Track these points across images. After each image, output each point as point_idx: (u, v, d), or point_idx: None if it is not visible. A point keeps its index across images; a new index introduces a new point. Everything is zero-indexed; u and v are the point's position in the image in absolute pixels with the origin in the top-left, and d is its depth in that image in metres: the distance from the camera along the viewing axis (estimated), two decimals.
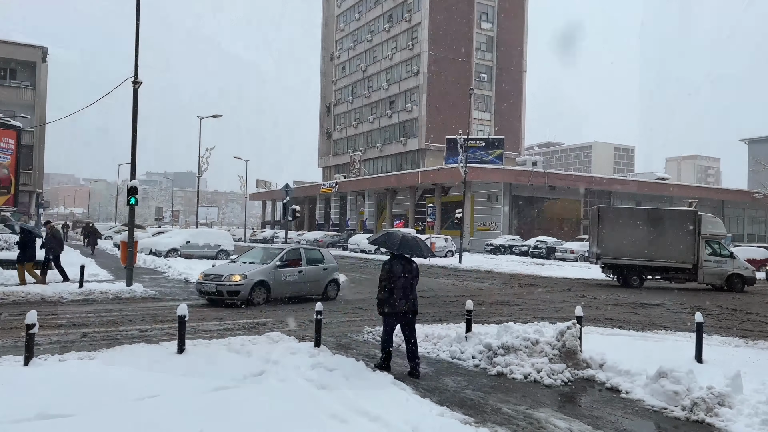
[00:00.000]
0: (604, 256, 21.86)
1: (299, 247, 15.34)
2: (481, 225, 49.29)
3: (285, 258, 14.21)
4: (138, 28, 15.66)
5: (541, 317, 12.77)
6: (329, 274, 15.21)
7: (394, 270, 7.62)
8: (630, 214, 22.81)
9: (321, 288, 14.91)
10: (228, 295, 13.24)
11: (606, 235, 21.87)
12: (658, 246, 21.17)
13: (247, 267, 13.92)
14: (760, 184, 54.20)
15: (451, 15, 59.77)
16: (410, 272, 7.72)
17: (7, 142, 24.03)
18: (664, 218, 21.94)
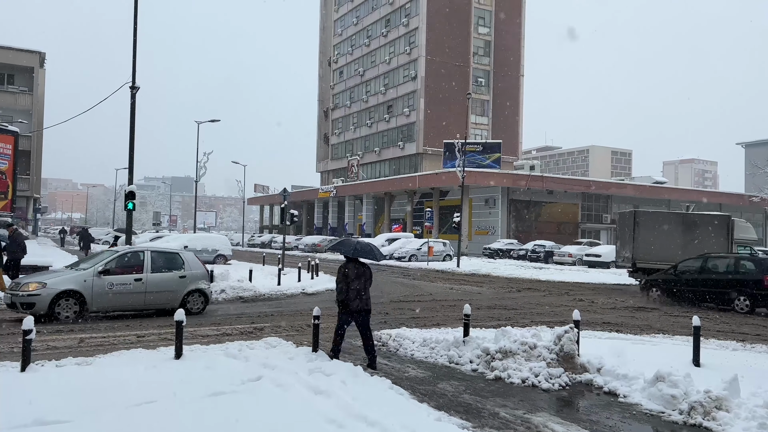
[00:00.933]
0: (640, 261, 21.72)
1: (142, 250, 12.69)
2: (479, 229, 49.32)
3: (113, 263, 11.95)
4: (135, 35, 15.69)
5: (538, 321, 12.78)
6: (190, 283, 12.90)
7: (349, 272, 8.39)
8: (665, 218, 22.73)
9: (177, 300, 12.61)
10: (22, 307, 11.08)
11: (642, 240, 21.77)
12: (693, 251, 21.32)
13: (60, 273, 12.08)
14: (757, 188, 54.39)
15: (448, 20, 59.95)
16: (363, 275, 8.44)
17: (4, 148, 24.02)
18: (698, 223, 22.06)
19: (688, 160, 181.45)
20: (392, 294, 18.39)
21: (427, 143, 58.80)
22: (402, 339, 9.89)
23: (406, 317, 13.27)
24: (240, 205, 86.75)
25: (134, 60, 15.75)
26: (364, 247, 8.68)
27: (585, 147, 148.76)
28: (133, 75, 15.74)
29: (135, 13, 15.73)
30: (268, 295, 16.59)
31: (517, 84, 64.60)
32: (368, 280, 8.51)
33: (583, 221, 52.51)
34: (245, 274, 18.91)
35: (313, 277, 21.18)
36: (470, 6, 61.34)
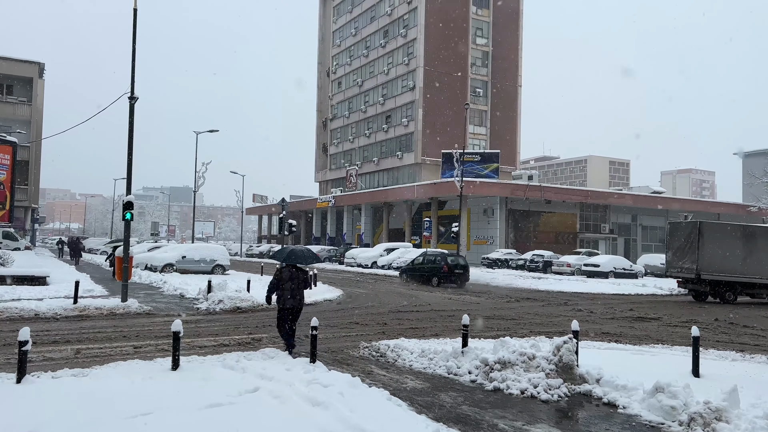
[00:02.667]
0: (705, 272, 21.86)
1: None
2: (478, 239, 49.31)
3: None
4: (134, 46, 15.74)
5: (537, 332, 12.74)
6: None
7: (283, 276, 9.74)
8: (729, 230, 22.91)
9: None
10: None
11: (707, 251, 21.87)
12: (754, 262, 21.52)
13: None
14: (754, 197, 54.46)
15: (446, 31, 60.27)
16: (297, 277, 9.79)
17: (3, 158, 24.00)
18: (758, 234, 22.36)
19: (686, 170, 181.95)
20: (390, 304, 18.33)
21: (426, 153, 58.92)
22: (400, 349, 9.85)
23: (405, 327, 13.22)
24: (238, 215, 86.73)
25: (133, 70, 15.78)
26: (298, 253, 10.12)
27: (583, 157, 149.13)
28: (132, 85, 15.76)
29: (134, 26, 15.78)
30: (265, 306, 16.51)
31: (514, 94, 64.85)
32: (301, 282, 9.81)
33: (581, 231, 52.54)
34: (243, 284, 18.84)
35: (311, 287, 21.11)
36: (468, 17, 61.71)
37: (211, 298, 15.99)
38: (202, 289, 17.39)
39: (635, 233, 56.98)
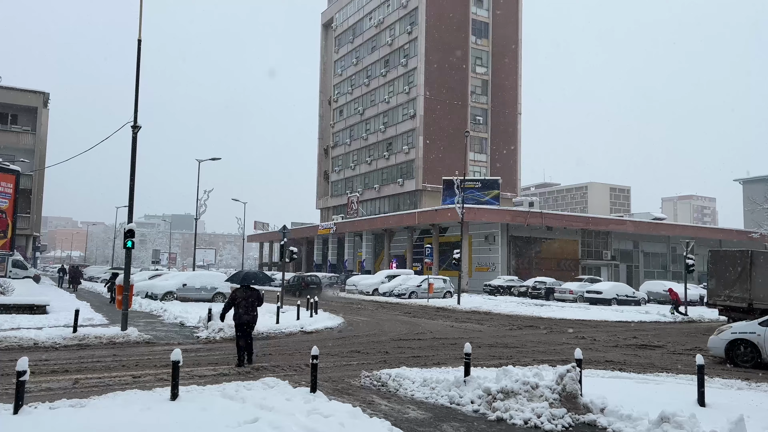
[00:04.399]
0: (758, 302, 21.58)
1: None
2: (480, 265, 49.16)
3: None
4: (138, 75, 15.94)
5: (540, 360, 12.62)
6: None
7: (238, 295, 11.16)
8: None
9: None
10: None
11: (761, 281, 21.66)
12: None
13: None
14: (756, 224, 54.41)
15: (446, 60, 61.05)
16: (250, 296, 11.17)
17: (6, 187, 24.10)
18: None
19: (687, 196, 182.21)
20: (392, 332, 18.20)
21: (427, 180, 59.13)
22: (402, 379, 9.75)
23: (406, 356, 13.10)
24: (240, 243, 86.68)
25: (136, 100, 15.95)
26: (251, 275, 11.81)
27: (583, 183, 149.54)
28: (135, 115, 15.91)
29: (138, 57, 16.01)
30: (266, 334, 16.41)
31: (514, 122, 65.36)
32: (255, 300, 11.19)
33: (583, 257, 52.39)
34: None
35: (312, 315, 20.99)
36: (468, 47, 62.55)
37: (211, 327, 15.89)
38: (202, 318, 17.30)
39: (637, 260, 56.79)
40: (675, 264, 56.87)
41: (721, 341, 13.36)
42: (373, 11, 69.67)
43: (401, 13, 63.99)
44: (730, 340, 13.16)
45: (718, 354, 13.46)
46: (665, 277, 52.70)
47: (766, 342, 12.51)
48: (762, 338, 12.59)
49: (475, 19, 63.32)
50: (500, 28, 64.72)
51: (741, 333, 13.09)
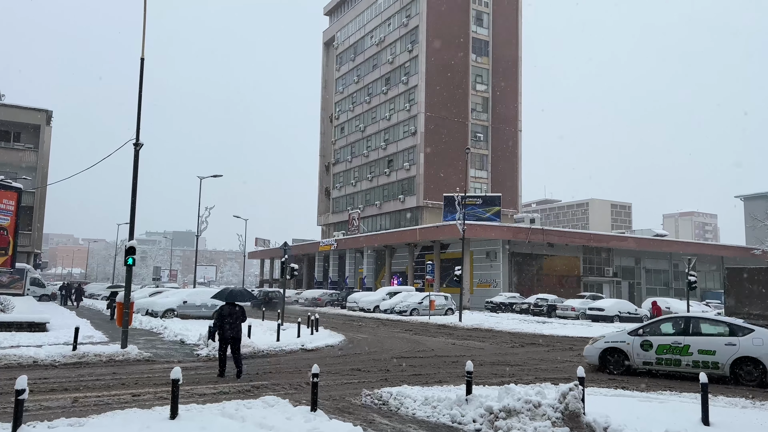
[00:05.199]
0: None
1: None
2: (481, 282, 49.03)
3: None
4: (141, 93, 16.04)
5: (543, 378, 12.52)
6: None
7: (223, 312, 11.89)
8: None
9: None
10: None
11: None
12: None
13: None
14: (758, 240, 54.33)
15: (446, 78, 61.49)
16: (235, 313, 11.90)
17: (8, 204, 24.13)
18: None
19: (688, 212, 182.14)
20: (393, 350, 18.10)
21: (428, 197, 59.22)
22: (403, 397, 9.66)
23: (408, 374, 13.01)
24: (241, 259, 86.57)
25: (138, 118, 16.04)
26: (235, 293, 12.73)
27: (584, 200, 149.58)
28: (137, 132, 15.98)
29: (140, 75, 16.13)
30: (266, 352, 16.32)
31: (515, 139, 65.64)
32: (239, 316, 11.91)
33: (585, 274, 52.26)
34: (244, 329, 18.62)
35: (312, 332, 20.89)
36: (468, 65, 63.05)
37: (211, 345, 15.79)
38: (202, 335, 17.20)
39: (639, 276, 56.63)
40: (677, 281, 56.68)
41: (595, 350, 14.14)
42: (374, 30, 70.35)
43: (402, 32, 64.60)
44: (604, 349, 14.01)
45: (593, 362, 14.20)
46: (668, 294, 52.52)
47: (634, 350, 13.52)
48: (630, 347, 13.58)
49: (475, 38, 63.91)
50: (500, 46, 65.30)
51: (613, 342, 13.98)
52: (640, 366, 13.52)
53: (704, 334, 13.03)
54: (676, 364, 13.05)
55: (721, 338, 12.78)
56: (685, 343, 13.00)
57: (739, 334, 12.69)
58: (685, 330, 13.24)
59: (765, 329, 13.10)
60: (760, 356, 12.28)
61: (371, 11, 71.60)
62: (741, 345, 12.48)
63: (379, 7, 70.06)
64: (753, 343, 12.42)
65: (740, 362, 12.48)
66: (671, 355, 13.09)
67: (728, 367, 12.55)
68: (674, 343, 13.10)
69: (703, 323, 13.41)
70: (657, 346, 13.25)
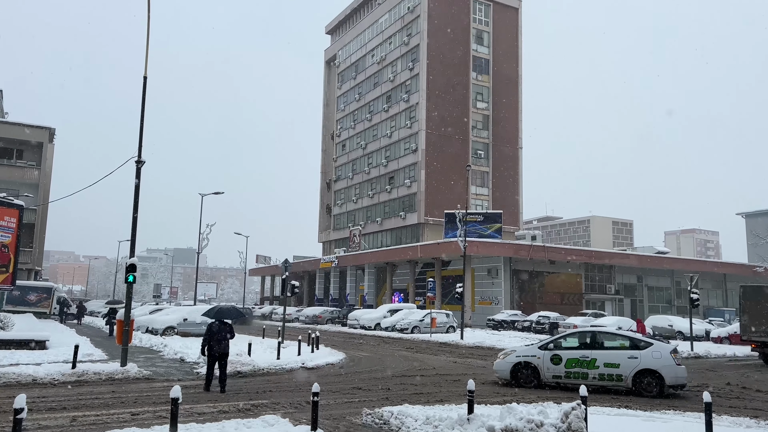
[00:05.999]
0: None
1: None
2: (483, 299, 48.86)
3: None
4: (143, 111, 16.16)
5: (545, 397, 12.42)
6: None
7: (213, 328, 12.41)
8: None
9: None
10: None
11: None
12: None
13: None
14: (759, 257, 54.26)
15: (447, 95, 61.91)
16: (223, 330, 12.44)
17: (9, 221, 24.16)
18: None
19: (690, 230, 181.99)
20: (395, 368, 17.98)
21: (429, 213, 59.27)
22: (404, 417, 9.59)
23: (409, 393, 12.92)
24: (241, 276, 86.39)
25: (141, 135, 16.13)
26: (224, 310, 13.32)
27: (586, 217, 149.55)
28: (139, 150, 16.06)
29: (143, 93, 16.26)
30: (267, 370, 16.23)
31: (515, 156, 65.86)
32: (227, 333, 12.41)
33: (586, 292, 52.08)
34: (244, 347, 18.58)
35: (313, 350, 20.79)
36: (468, 82, 63.50)
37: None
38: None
39: (641, 294, 56.43)
40: (680, 298, 56.47)
41: (507, 364, 14.24)
42: (375, 48, 71.00)
43: (403, 50, 65.17)
44: (515, 363, 14.11)
45: (504, 376, 14.30)
46: (670, 312, 52.33)
47: (544, 364, 13.77)
48: (541, 361, 13.82)
49: (475, 56, 64.45)
50: (500, 64, 65.83)
51: (524, 356, 14.12)
52: (550, 380, 13.74)
53: (609, 348, 13.58)
54: (583, 377, 13.41)
55: (624, 351, 13.35)
56: (592, 356, 13.46)
57: (641, 347, 13.32)
58: (591, 344, 13.74)
59: (662, 342, 13.84)
60: (659, 368, 12.94)
61: (372, 30, 72.31)
62: (642, 358, 13.09)
63: (380, 26, 70.77)
64: (653, 356, 13.07)
65: (641, 374, 13.04)
66: (579, 368, 13.49)
67: (631, 379, 13.07)
68: (582, 357, 13.53)
69: (607, 337, 13.99)
70: (566, 360, 13.62)
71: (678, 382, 13.08)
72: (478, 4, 65.71)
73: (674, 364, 13.08)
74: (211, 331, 12.41)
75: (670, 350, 13.28)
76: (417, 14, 63.23)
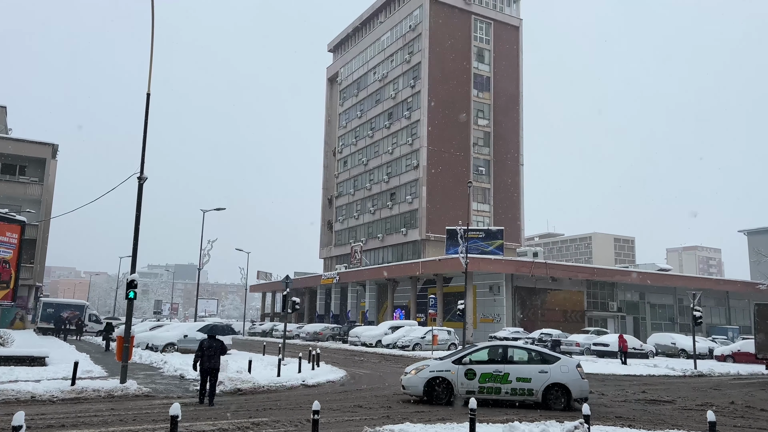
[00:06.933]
0: None
1: None
2: (484, 316, 48.60)
3: None
4: (146, 128, 16.24)
5: (547, 416, 12.31)
6: None
7: (204, 345, 12.96)
8: None
9: None
10: None
11: None
12: None
13: None
14: (762, 275, 54.05)
15: (448, 112, 62.20)
16: (213, 346, 12.92)
17: (11, 237, 24.21)
18: None
19: (692, 247, 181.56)
20: (396, 385, 17.82)
21: (430, 230, 59.22)
22: None
23: (410, 411, 12.81)
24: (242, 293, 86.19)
25: (143, 152, 16.21)
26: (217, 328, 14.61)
27: (587, 234, 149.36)
28: (142, 166, 16.12)
29: (146, 110, 16.36)
30: (267, 387, 16.12)
31: (517, 173, 65.97)
32: (218, 350, 12.92)
33: (589, 309, 51.80)
34: (244, 364, 18.47)
35: (314, 367, 20.67)
36: (469, 100, 63.84)
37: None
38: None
39: (644, 311, 56.11)
40: (682, 316, 56.15)
41: (419, 380, 13.81)
42: (377, 66, 71.53)
43: (404, 68, 65.64)
44: (429, 378, 13.74)
45: (416, 393, 13.88)
46: (673, 329, 51.98)
47: (458, 379, 13.60)
48: (455, 376, 13.64)
49: (476, 74, 64.87)
50: (501, 81, 66.24)
51: (438, 371, 13.83)
52: (464, 395, 13.46)
53: (521, 362, 13.79)
54: (496, 392, 13.51)
55: (535, 366, 13.63)
56: (505, 371, 13.56)
57: (550, 361, 13.69)
58: (503, 358, 13.84)
59: (569, 357, 14.31)
60: (567, 382, 13.38)
61: (374, 48, 72.92)
62: (552, 372, 13.46)
63: (382, 44, 71.38)
64: (561, 370, 13.50)
65: (551, 388, 13.38)
66: (493, 383, 13.53)
67: (541, 393, 13.35)
68: (495, 372, 13.58)
69: (518, 351, 14.11)
70: (480, 374, 13.57)
71: (583, 395, 13.52)
72: (479, 23, 66.30)
73: (580, 378, 13.55)
74: (202, 347, 12.94)
75: (576, 364, 13.78)
76: (418, 32, 63.80)
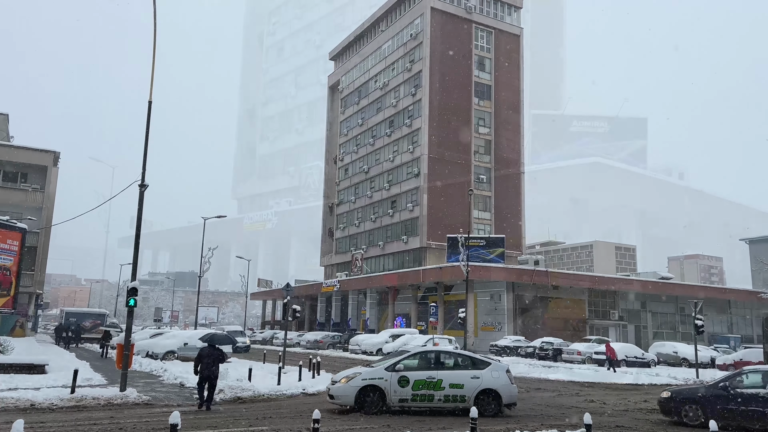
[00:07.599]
0: None
1: None
2: (485, 325, 48.48)
3: None
4: (147, 135, 16.28)
5: (549, 425, 12.25)
6: None
7: (203, 353, 13.44)
8: None
9: None
10: None
11: None
12: None
13: None
14: (764, 284, 53.93)
15: (449, 121, 62.31)
16: (212, 354, 13.39)
17: (11, 244, 24.22)
18: None
19: (693, 255, 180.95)
20: None
21: (431, 238, 59.18)
22: None
23: (411, 420, 12.74)
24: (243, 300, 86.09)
25: (144, 160, 16.24)
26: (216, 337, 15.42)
27: (588, 242, 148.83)
28: (143, 174, 16.15)
29: (148, 117, 16.41)
30: (267, 396, 16.06)
31: (518, 181, 65.99)
32: (217, 358, 13.38)
33: (590, 317, 51.65)
34: (244, 372, 18.41)
35: (314, 375, 20.59)
36: (470, 108, 63.97)
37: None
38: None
39: (645, 320, 55.92)
40: (684, 324, 55.95)
41: (351, 389, 13.36)
42: (378, 74, 71.75)
43: (406, 76, 65.83)
44: (361, 387, 13.34)
45: (347, 402, 13.41)
46: (674, 338, 51.77)
47: (391, 387, 13.27)
48: (389, 383, 13.31)
49: (477, 82, 65.01)
50: (502, 90, 66.37)
51: (371, 379, 13.44)
52: (396, 403, 13.32)
53: (452, 368, 13.70)
54: (429, 399, 13.31)
55: (467, 371, 13.55)
56: (438, 377, 13.35)
57: (481, 367, 13.66)
58: (436, 364, 13.71)
59: (499, 363, 14.28)
60: (498, 387, 13.38)
61: (375, 56, 73.17)
62: (483, 378, 13.41)
63: (383, 52, 71.63)
64: (492, 376, 13.47)
65: (482, 394, 13.29)
66: (426, 390, 13.28)
67: (473, 399, 13.14)
68: (429, 378, 13.33)
69: (449, 357, 14.11)
70: (414, 381, 13.31)
71: (512, 400, 13.60)
72: (480, 31, 66.54)
73: (510, 383, 13.58)
74: (201, 355, 13.42)
75: (506, 369, 13.78)
76: (420, 41, 64.02)
